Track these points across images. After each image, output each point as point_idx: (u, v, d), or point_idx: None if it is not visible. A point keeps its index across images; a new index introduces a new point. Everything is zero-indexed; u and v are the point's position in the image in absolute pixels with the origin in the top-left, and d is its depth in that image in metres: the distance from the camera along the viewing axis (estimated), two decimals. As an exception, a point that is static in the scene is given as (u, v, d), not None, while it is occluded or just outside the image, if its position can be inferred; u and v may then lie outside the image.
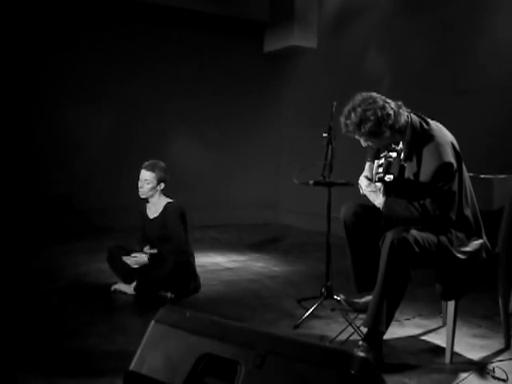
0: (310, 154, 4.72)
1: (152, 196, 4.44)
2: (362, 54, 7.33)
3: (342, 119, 3.05)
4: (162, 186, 4.45)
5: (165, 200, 4.47)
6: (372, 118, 2.95)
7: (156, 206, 4.46)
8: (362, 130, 2.99)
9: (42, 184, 7.37)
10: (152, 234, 4.44)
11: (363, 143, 3.12)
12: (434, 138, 3.00)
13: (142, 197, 4.45)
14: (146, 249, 4.41)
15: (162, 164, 4.46)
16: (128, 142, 7.96)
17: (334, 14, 7.88)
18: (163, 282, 4.23)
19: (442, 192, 2.92)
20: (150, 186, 4.39)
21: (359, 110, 2.97)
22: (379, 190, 3.05)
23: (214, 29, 8.50)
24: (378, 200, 3.05)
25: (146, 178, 4.38)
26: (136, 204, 4.62)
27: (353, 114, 2.98)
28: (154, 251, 4.37)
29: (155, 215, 4.46)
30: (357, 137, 3.08)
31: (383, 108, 2.98)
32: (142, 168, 4.43)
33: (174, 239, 4.33)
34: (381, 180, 3.03)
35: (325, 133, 3.78)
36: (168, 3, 7.83)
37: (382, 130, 2.99)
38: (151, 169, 4.40)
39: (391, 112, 2.99)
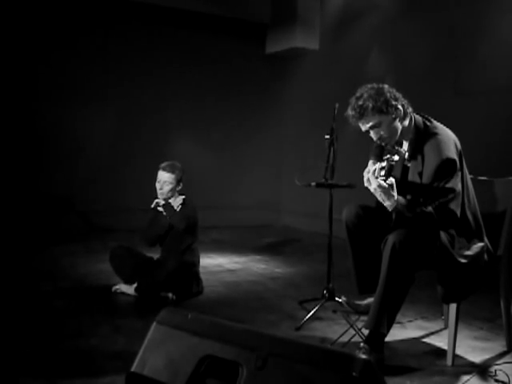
0: (312, 156, 4.72)
1: (170, 197, 4.45)
2: (364, 55, 7.33)
3: (353, 104, 3.02)
4: (181, 186, 4.46)
5: (180, 197, 4.48)
6: (385, 91, 3.01)
7: (172, 203, 4.47)
8: (378, 103, 2.97)
9: (44, 184, 7.38)
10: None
11: (374, 135, 3.05)
12: (436, 135, 3.00)
13: (162, 198, 4.43)
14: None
15: (179, 164, 4.47)
16: (130, 143, 7.98)
17: (336, 15, 7.88)
18: (164, 282, 4.22)
19: (445, 188, 2.89)
20: (169, 187, 4.39)
21: (370, 89, 3.02)
22: (391, 189, 2.87)
23: (216, 30, 8.51)
24: (388, 202, 2.87)
25: (166, 180, 4.38)
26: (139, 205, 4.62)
27: (365, 94, 3.00)
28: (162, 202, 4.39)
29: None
30: (368, 124, 3.02)
31: (391, 88, 3.06)
32: (159, 169, 4.42)
33: (183, 233, 4.35)
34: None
35: (327, 135, 3.78)
36: (170, 5, 7.84)
37: (396, 105, 3.00)
38: (171, 170, 4.39)
39: (398, 95, 3.06)
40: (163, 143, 8.01)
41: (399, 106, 3.02)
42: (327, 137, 3.77)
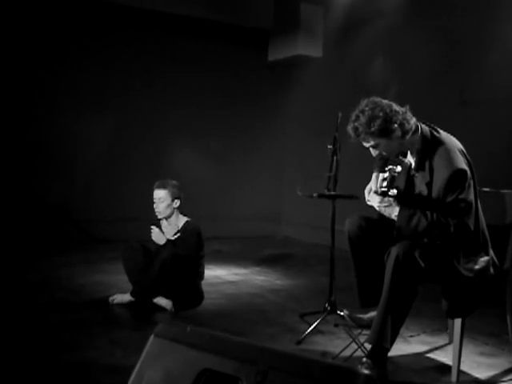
0: (315, 166, 4.68)
1: (170, 216, 4.39)
2: (367, 63, 7.30)
3: (350, 124, 3.00)
4: (178, 203, 4.40)
5: (183, 219, 4.43)
6: (380, 114, 2.92)
7: (173, 225, 4.41)
8: (372, 129, 2.92)
9: (40, 194, 7.32)
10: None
11: (373, 152, 3.05)
12: (444, 144, 2.97)
13: (160, 217, 4.39)
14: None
15: (174, 181, 4.44)
16: (128, 152, 7.92)
17: (340, 23, 7.84)
18: (158, 275, 4.11)
19: (457, 200, 2.85)
20: (164, 204, 4.35)
21: (367, 109, 2.94)
22: (393, 202, 2.95)
23: (217, 37, 8.45)
24: (395, 213, 2.93)
25: (160, 197, 4.35)
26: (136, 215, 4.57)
27: (361, 115, 2.95)
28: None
29: (174, 235, 4.39)
30: (367, 144, 3.02)
31: (390, 106, 2.97)
32: (154, 189, 4.39)
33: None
34: (384, 194, 2.97)
35: (330, 144, 3.73)
36: (171, 11, 7.79)
37: (391, 128, 2.93)
38: (162, 186, 4.36)
39: (398, 109, 2.97)
40: (161, 152, 7.96)
41: (395, 127, 2.94)
42: (330, 147, 3.73)
